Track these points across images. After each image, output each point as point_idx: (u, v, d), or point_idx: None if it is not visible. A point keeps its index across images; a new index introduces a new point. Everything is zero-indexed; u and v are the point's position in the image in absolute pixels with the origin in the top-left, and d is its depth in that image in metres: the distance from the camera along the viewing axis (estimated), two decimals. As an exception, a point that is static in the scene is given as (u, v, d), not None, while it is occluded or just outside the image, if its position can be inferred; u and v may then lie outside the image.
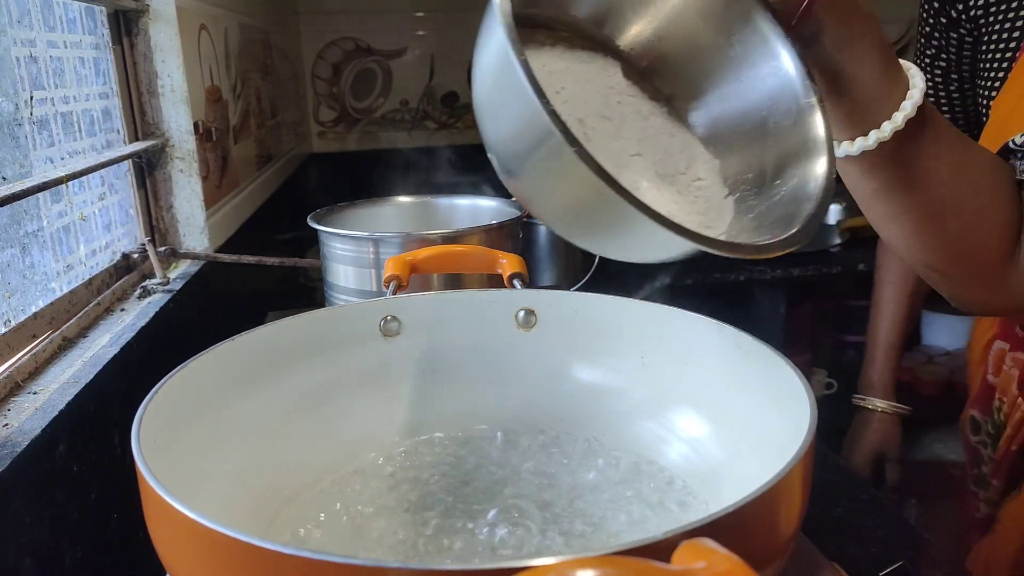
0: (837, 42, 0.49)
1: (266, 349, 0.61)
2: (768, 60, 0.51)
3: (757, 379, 0.55)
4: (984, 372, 0.92)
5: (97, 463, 0.60)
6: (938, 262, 0.57)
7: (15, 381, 0.59)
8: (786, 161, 0.51)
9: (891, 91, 0.50)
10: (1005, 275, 0.56)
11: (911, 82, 0.51)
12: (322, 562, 0.33)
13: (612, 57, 0.54)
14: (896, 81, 0.50)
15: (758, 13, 0.50)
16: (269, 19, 1.74)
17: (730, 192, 0.51)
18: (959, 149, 0.54)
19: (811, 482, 0.45)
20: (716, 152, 0.53)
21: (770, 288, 2.06)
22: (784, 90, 0.51)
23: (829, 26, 0.48)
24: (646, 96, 0.54)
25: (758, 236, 0.46)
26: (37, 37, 0.73)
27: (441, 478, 0.62)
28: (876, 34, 0.49)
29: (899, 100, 0.50)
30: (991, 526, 0.91)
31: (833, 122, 0.52)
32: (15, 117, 0.68)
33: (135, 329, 0.71)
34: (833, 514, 0.75)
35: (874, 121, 0.51)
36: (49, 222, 0.73)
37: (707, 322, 0.60)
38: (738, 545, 0.27)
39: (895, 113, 0.50)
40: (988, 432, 0.91)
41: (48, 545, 0.52)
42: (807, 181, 0.48)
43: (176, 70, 0.92)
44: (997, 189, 0.55)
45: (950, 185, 0.53)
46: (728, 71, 0.53)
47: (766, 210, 0.49)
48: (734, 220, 0.50)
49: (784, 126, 0.51)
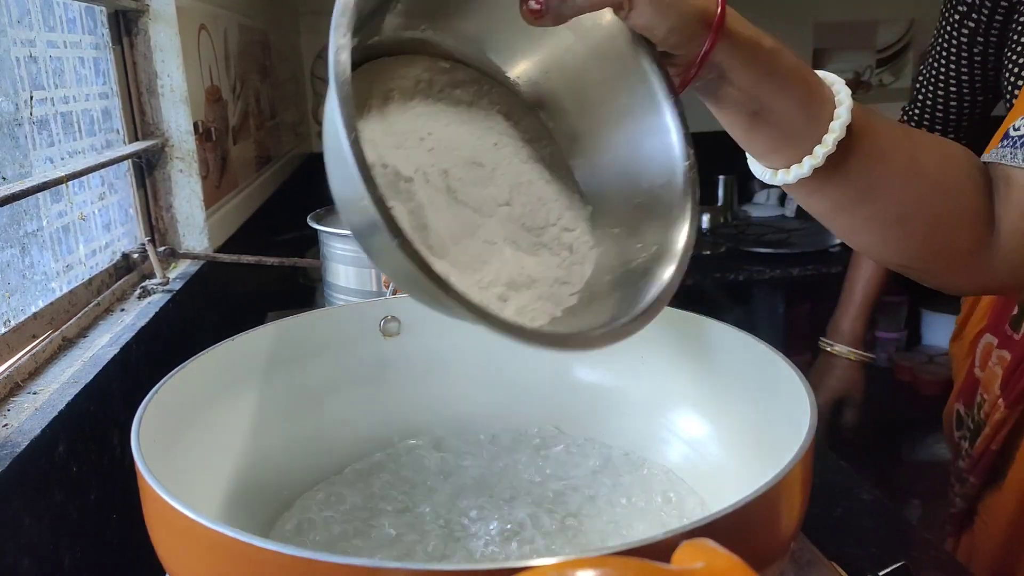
0: (746, 82, 0.46)
1: (266, 349, 0.61)
2: (652, 116, 0.49)
3: (757, 379, 0.55)
4: (971, 365, 0.92)
5: (97, 463, 0.60)
6: (911, 261, 0.56)
7: (15, 381, 0.59)
8: (651, 226, 0.49)
9: (818, 113, 0.48)
10: (983, 260, 0.54)
11: (836, 99, 0.48)
12: (322, 562, 0.33)
13: (501, 87, 0.52)
14: (821, 102, 0.48)
15: (648, 65, 0.48)
16: (269, 19, 1.74)
17: (596, 244, 0.50)
18: (906, 149, 0.51)
19: (811, 482, 0.45)
20: (593, 200, 0.52)
21: (769, 288, 2.06)
22: (663, 152, 0.49)
23: (733, 69, 0.46)
24: (527, 138, 0.52)
25: (611, 301, 0.46)
26: (37, 37, 0.73)
27: (441, 478, 0.62)
28: (787, 62, 0.47)
29: (827, 121, 0.48)
30: (969, 520, 0.92)
31: (763, 153, 0.51)
32: (15, 117, 0.68)
33: (135, 329, 0.71)
34: (833, 514, 0.75)
35: (805, 147, 0.48)
36: (49, 222, 0.73)
37: (707, 322, 0.60)
38: (738, 545, 0.27)
39: (824, 136, 0.48)
40: (968, 427, 0.91)
41: (47, 545, 0.52)
42: (662, 258, 0.47)
43: (176, 70, 0.92)
44: (958, 180, 0.53)
45: (904, 189, 0.51)
46: (613, 120, 0.51)
47: (623, 276, 0.48)
48: (593, 276, 0.49)
49: (657, 187, 0.49)
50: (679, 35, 0.44)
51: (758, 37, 0.46)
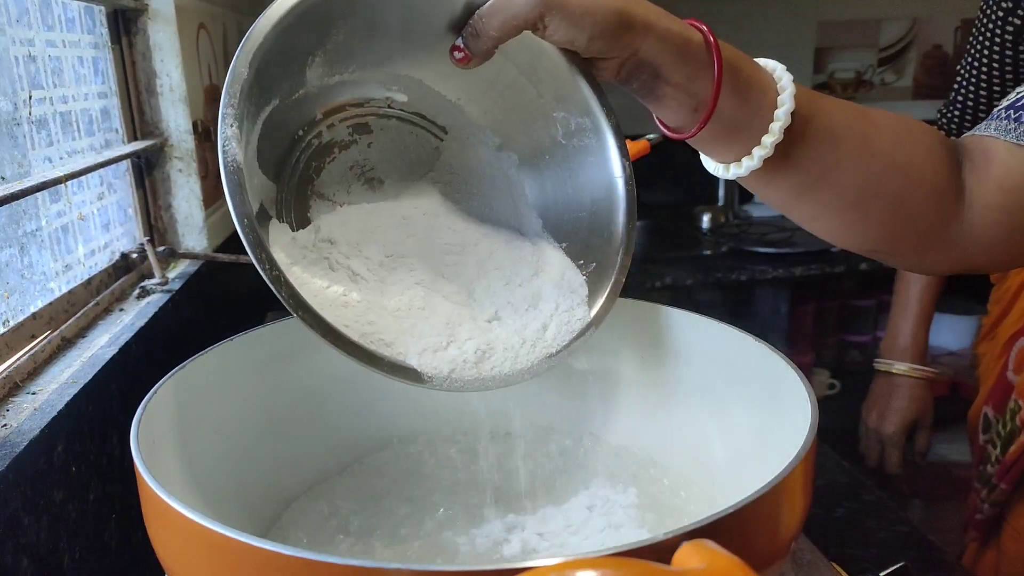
0: (680, 77, 0.45)
1: (266, 349, 0.61)
2: (590, 132, 0.52)
3: (758, 379, 0.55)
4: (1003, 367, 0.90)
5: (96, 463, 0.60)
6: (877, 244, 0.54)
7: (14, 381, 0.59)
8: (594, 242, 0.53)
9: (760, 102, 0.47)
10: (951, 237, 0.52)
11: (779, 85, 0.47)
12: (322, 562, 0.33)
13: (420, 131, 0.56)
14: (763, 91, 0.47)
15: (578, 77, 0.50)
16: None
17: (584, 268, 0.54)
18: (858, 130, 0.50)
19: (813, 483, 0.44)
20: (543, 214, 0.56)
21: (772, 288, 2.06)
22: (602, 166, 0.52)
23: (666, 66, 0.45)
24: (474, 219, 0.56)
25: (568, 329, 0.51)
26: (36, 36, 0.73)
27: (441, 477, 0.62)
28: (722, 54, 0.46)
29: (771, 109, 0.47)
30: (997, 528, 0.91)
31: (713, 149, 0.50)
32: (14, 117, 0.68)
33: (134, 329, 0.71)
34: (835, 514, 0.75)
35: (753, 139, 0.48)
36: (48, 222, 0.73)
37: (708, 322, 0.60)
38: (739, 546, 0.26)
39: (771, 124, 0.47)
40: (998, 432, 0.90)
41: (46, 546, 0.52)
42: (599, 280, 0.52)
43: (175, 69, 0.92)
44: (917, 157, 0.51)
45: (860, 171, 0.50)
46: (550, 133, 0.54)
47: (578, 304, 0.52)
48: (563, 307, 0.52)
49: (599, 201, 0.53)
50: (601, 41, 0.44)
51: (686, 32, 0.45)
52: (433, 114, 0.56)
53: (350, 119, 0.54)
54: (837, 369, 2.17)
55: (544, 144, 0.55)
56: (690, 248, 2.04)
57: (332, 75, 0.50)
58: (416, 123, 0.56)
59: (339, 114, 0.53)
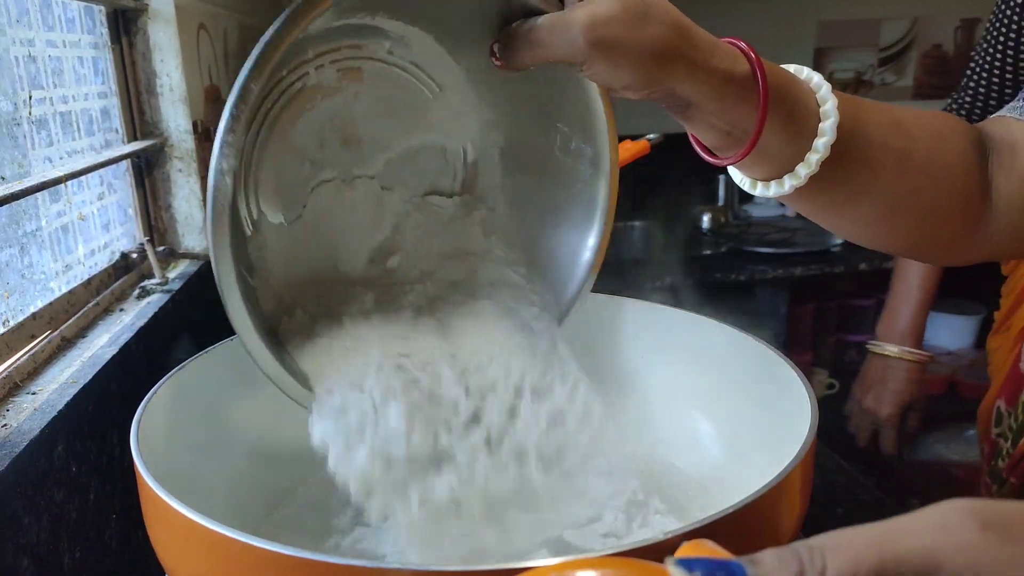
0: (718, 109, 0.43)
1: (265, 349, 0.60)
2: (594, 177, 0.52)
3: (758, 379, 0.55)
4: (1016, 359, 0.90)
5: (96, 463, 0.60)
6: (905, 248, 0.55)
7: (14, 381, 0.59)
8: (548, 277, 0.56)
9: (806, 120, 0.45)
10: (980, 235, 0.52)
11: (822, 111, 0.45)
12: (321, 562, 0.33)
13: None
14: (805, 117, 0.45)
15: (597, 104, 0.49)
16: (269, 19, 1.73)
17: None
18: (895, 145, 0.48)
19: (812, 483, 0.44)
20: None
21: (771, 288, 2.06)
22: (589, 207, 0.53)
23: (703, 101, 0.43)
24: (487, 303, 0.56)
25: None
26: (36, 36, 0.73)
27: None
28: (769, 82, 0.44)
29: (815, 123, 0.45)
30: None
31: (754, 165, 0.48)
32: (14, 117, 0.68)
33: (134, 329, 0.71)
34: (834, 515, 0.75)
35: (796, 156, 0.46)
36: (48, 222, 0.73)
37: (708, 322, 0.60)
38: (738, 546, 0.26)
39: (815, 140, 0.45)
40: (1010, 426, 0.89)
41: (47, 546, 0.52)
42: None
43: (175, 70, 0.92)
44: (950, 165, 0.50)
45: (893, 191, 0.49)
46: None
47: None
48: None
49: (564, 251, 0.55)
50: (639, 87, 0.42)
51: (732, 66, 0.43)
52: (432, 70, 0.53)
53: (342, 60, 0.50)
54: (836, 369, 2.17)
55: (538, 144, 0.53)
56: (690, 248, 2.04)
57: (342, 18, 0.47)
58: (411, 73, 0.53)
59: (332, 54, 0.49)
